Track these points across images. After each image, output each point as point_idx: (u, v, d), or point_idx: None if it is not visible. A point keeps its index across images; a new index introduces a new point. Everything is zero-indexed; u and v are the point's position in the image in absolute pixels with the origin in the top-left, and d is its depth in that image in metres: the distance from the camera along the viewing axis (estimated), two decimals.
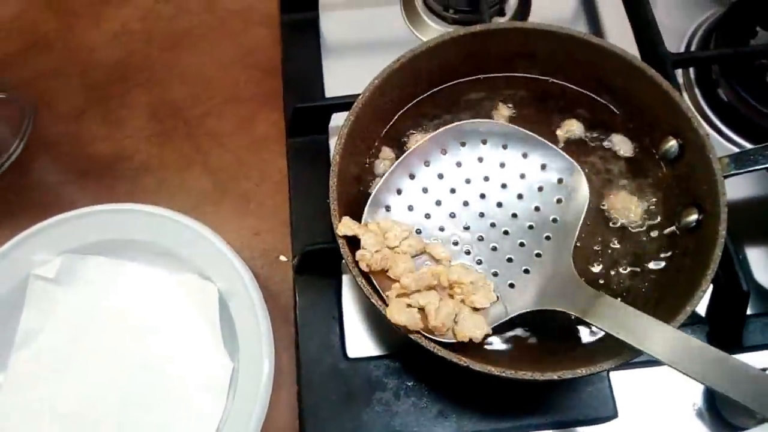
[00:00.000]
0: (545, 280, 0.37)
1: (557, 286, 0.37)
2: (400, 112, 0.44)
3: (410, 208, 0.40)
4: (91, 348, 0.45)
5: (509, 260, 0.38)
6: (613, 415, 0.41)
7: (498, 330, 0.37)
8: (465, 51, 0.43)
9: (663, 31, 0.50)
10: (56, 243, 0.46)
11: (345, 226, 0.37)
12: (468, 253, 0.39)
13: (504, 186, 0.40)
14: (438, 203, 0.40)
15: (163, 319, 0.45)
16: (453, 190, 0.40)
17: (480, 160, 0.40)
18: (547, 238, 0.38)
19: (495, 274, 0.38)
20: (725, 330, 0.43)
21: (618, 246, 0.40)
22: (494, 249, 0.39)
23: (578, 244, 0.39)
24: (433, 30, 0.55)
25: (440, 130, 0.40)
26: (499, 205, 0.40)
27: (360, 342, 0.44)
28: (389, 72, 0.41)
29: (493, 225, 0.39)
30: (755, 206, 0.47)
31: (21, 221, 0.47)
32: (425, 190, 0.40)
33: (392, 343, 0.44)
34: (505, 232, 0.39)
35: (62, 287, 0.46)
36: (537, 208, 0.39)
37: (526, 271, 0.38)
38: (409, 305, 0.36)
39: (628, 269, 0.40)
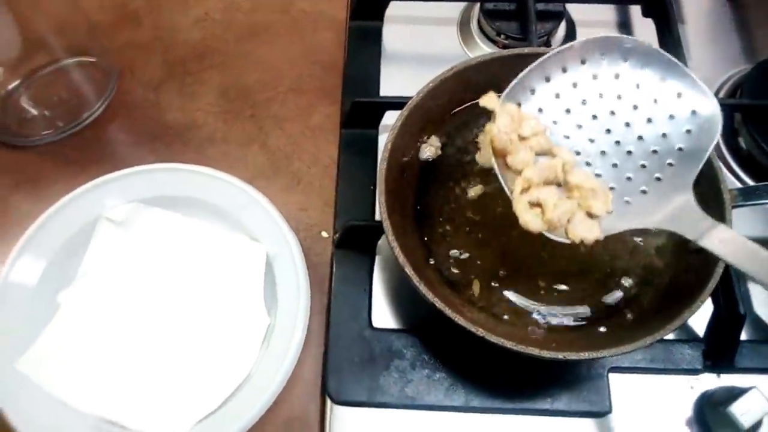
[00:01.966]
0: (663, 203, 0.38)
1: (675, 210, 0.37)
2: (448, 115, 0.49)
3: (540, 110, 0.40)
4: (143, 288, 0.50)
5: (628, 179, 0.39)
6: (608, 410, 0.44)
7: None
8: (510, 69, 0.47)
9: None
10: (126, 192, 0.52)
11: (487, 99, 0.39)
12: (588, 164, 0.39)
13: (635, 107, 0.40)
14: (567, 111, 0.40)
15: (211, 272, 0.50)
16: (584, 102, 0.40)
17: (616, 76, 0.40)
18: (670, 164, 0.39)
19: (612, 189, 0.39)
20: (720, 351, 0.46)
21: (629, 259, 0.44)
22: (615, 166, 0.39)
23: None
24: (484, 52, 0.60)
25: (583, 39, 0.40)
26: (627, 125, 0.40)
27: (384, 315, 0.48)
28: (443, 78, 0.46)
29: (617, 143, 0.40)
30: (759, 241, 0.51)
31: (94, 172, 0.53)
32: (557, 96, 0.40)
33: (413, 320, 0.48)
34: (629, 152, 0.40)
35: (126, 231, 0.51)
36: (664, 135, 0.39)
37: (644, 192, 0.39)
38: (530, 204, 0.37)
39: (637, 279, 0.44)
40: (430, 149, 0.47)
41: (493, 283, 0.44)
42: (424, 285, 0.39)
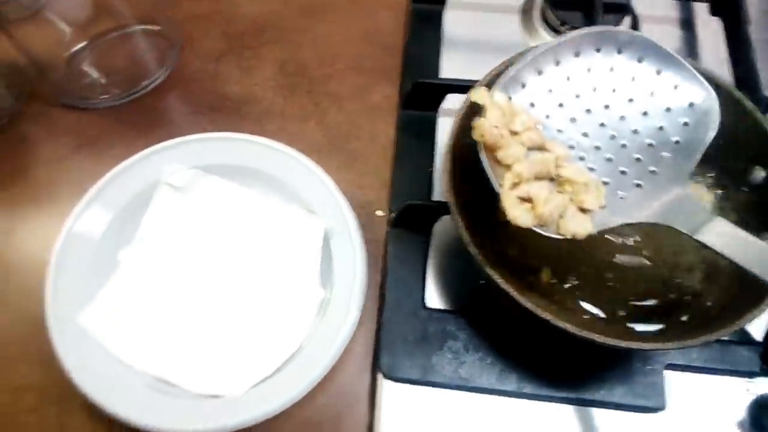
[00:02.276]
0: (657, 197, 0.38)
1: (669, 203, 0.37)
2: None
3: (532, 104, 0.39)
4: (200, 253, 0.50)
5: (622, 173, 0.39)
6: (661, 407, 0.44)
7: None
8: None
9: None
10: (186, 159, 0.52)
11: (477, 93, 0.38)
12: (582, 159, 0.39)
13: (631, 100, 0.40)
14: (561, 105, 0.40)
15: (268, 242, 0.50)
16: (578, 95, 0.40)
17: (611, 69, 0.40)
18: (666, 157, 0.39)
19: (605, 183, 0.39)
20: None
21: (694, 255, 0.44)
22: (609, 160, 0.39)
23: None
24: (545, 41, 0.60)
25: (577, 32, 0.40)
26: (622, 118, 0.39)
27: (438, 296, 0.48)
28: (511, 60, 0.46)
29: (612, 137, 0.39)
30: None
31: (153, 138, 0.53)
32: (550, 90, 0.39)
33: (467, 303, 0.48)
34: (623, 146, 0.39)
35: (185, 197, 0.52)
36: (661, 128, 0.39)
37: (638, 186, 0.38)
38: (520, 199, 0.37)
39: (701, 276, 0.43)
40: None
41: (557, 271, 0.44)
42: (489, 267, 0.39)
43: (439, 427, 0.44)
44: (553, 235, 0.37)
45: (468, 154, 0.46)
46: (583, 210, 0.37)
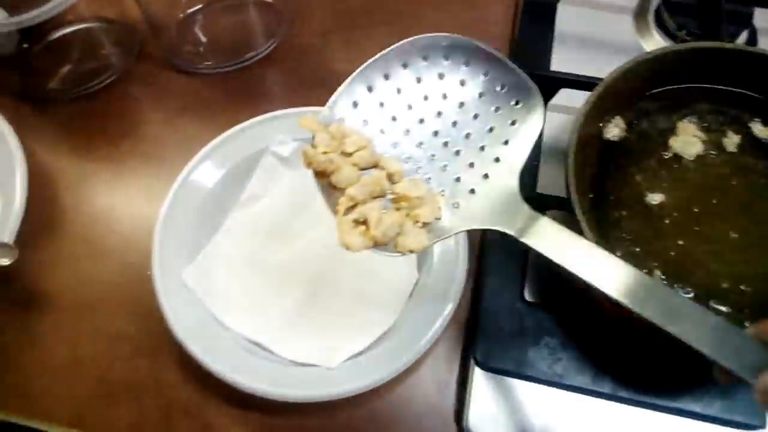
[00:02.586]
0: (489, 201, 0.37)
1: (500, 206, 0.37)
2: (635, 98, 0.47)
3: (365, 122, 0.39)
4: (299, 223, 0.51)
5: (457, 180, 0.38)
6: (760, 425, 0.43)
7: None
8: (703, 63, 0.46)
9: None
10: (292, 130, 0.52)
11: (306, 121, 0.38)
12: (418, 170, 0.38)
13: (461, 104, 0.39)
14: (393, 119, 0.39)
15: None
16: (410, 106, 0.39)
17: (440, 76, 0.39)
18: (497, 159, 0.38)
19: (442, 193, 0.38)
20: None
21: None
22: (444, 168, 0.39)
23: None
24: (659, 44, 0.58)
25: (402, 42, 0.39)
26: (454, 124, 0.39)
27: (537, 290, 0.48)
28: (640, 60, 0.45)
29: (445, 144, 0.39)
30: None
31: (257, 108, 0.54)
32: (382, 104, 0.39)
33: (567, 299, 0.47)
34: (457, 152, 0.39)
35: (288, 168, 0.52)
36: (491, 129, 0.39)
37: (472, 191, 0.38)
38: (356, 222, 0.36)
39: None
40: (615, 129, 0.46)
41: (667, 276, 0.43)
42: None
43: (528, 421, 0.44)
44: (391, 254, 0.37)
45: (593, 150, 0.46)
46: (421, 224, 0.37)
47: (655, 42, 0.59)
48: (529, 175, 0.52)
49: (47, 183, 0.55)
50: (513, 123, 0.38)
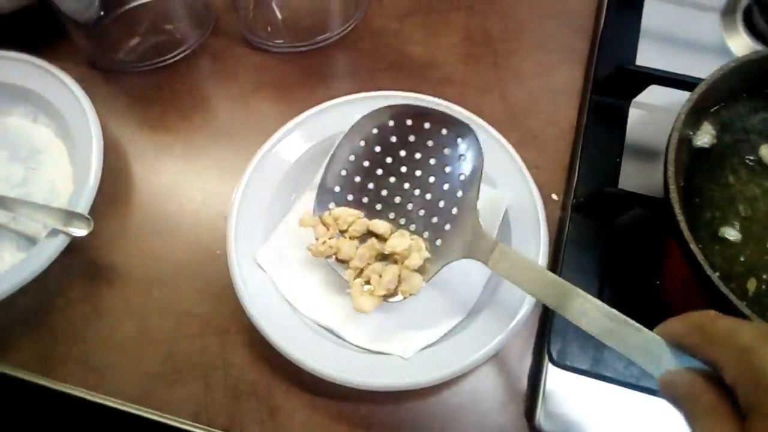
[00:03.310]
0: (462, 234, 0.43)
1: (470, 238, 0.42)
2: (730, 101, 0.46)
3: (350, 198, 0.45)
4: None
5: (434, 222, 0.44)
6: None
7: None
8: None
9: None
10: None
11: (305, 219, 0.45)
12: (403, 221, 0.45)
13: (425, 156, 0.44)
14: (371, 188, 0.45)
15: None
16: (385, 166, 0.45)
17: (404, 135, 0.45)
18: (458, 195, 0.43)
19: (425, 236, 0.44)
20: None
21: None
22: (421, 214, 0.44)
23: None
24: (747, 45, 0.56)
25: (372, 111, 0.45)
26: (420, 173, 0.45)
27: (612, 290, 0.47)
28: (746, 60, 0.43)
29: (417, 193, 0.45)
30: None
31: (333, 89, 0.54)
32: (358, 181, 0.45)
33: (643, 301, 0.46)
34: (429, 198, 0.44)
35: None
36: (445, 168, 0.44)
37: (447, 229, 0.43)
38: (367, 283, 0.44)
39: None
40: (706, 136, 0.44)
41: (757, 286, 0.41)
42: (708, 265, 0.37)
43: (602, 422, 0.43)
44: (397, 300, 0.43)
45: (684, 154, 0.45)
46: (417, 269, 0.43)
47: (742, 42, 0.57)
48: (611, 170, 0.50)
49: (119, 155, 0.54)
50: (460, 157, 0.44)
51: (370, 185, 0.46)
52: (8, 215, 0.50)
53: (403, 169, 0.45)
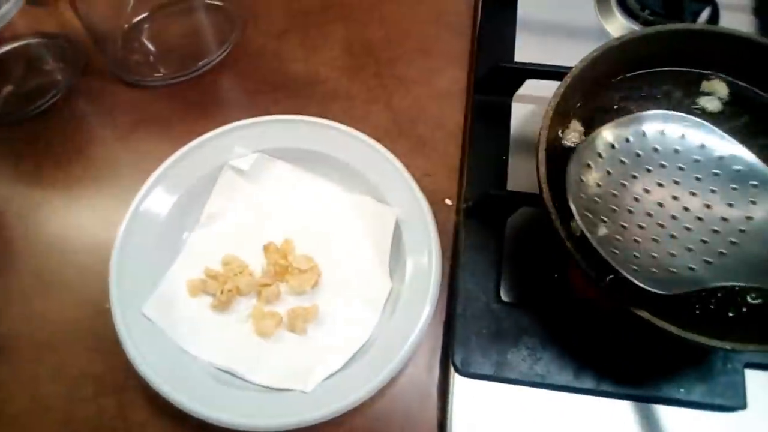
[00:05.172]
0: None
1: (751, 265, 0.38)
2: (602, 89, 0.46)
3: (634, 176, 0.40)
4: (263, 241, 0.48)
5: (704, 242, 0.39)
6: (742, 406, 0.42)
7: None
8: (674, 44, 0.45)
9: None
10: (252, 141, 0.50)
11: (194, 290, 0.47)
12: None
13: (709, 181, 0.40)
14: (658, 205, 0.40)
15: (335, 232, 0.49)
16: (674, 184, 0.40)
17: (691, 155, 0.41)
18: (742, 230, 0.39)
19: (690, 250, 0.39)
20: None
21: None
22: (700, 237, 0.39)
23: None
24: (622, 26, 0.57)
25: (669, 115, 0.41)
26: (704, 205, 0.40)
27: (513, 289, 0.46)
28: (608, 47, 0.43)
29: (700, 219, 0.40)
30: None
31: (215, 118, 0.52)
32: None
33: (543, 295, 0.46)
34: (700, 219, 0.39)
35: (249, 182, 0.50)
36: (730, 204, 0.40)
37: (722, 253, 0.39)
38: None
39: None
40: (573, 135, 0.44)
41: None
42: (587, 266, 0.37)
43: (513, 424, 0.43)
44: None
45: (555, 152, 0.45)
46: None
47: (618, 24, 0.57)
48: (499, 170, 0.50)
49: None
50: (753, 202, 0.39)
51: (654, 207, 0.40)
52: None
53: (689, 194, 0.40)
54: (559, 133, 0.44)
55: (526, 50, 0.55)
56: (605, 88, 0.46)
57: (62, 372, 0.45)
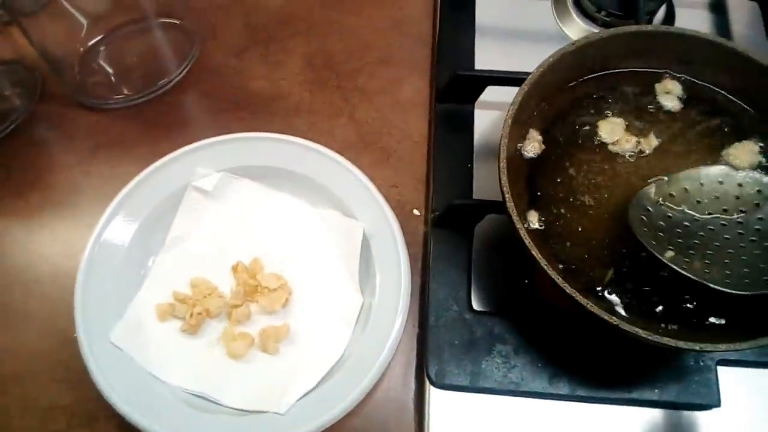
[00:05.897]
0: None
1: None
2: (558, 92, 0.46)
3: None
4: (231, 261, 0.48)
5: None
6: (716, 404, 0.43)
7: None
8: (630, 46, 0.46)
9: None
10: (215, 161, 0.50)
11: (163, 314, 0.46)
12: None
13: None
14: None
15: (303, 249, 0.48)
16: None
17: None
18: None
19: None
20: None
21: None
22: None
23: None
24: (580, 28, 0.57)
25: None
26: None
27: (484, 297, 0.47)
28: (564, 53, 0.44)
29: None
30: None
31: (177, 138, 0.51)
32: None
33: (513, 304, 0.46)
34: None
35: (214, 201, 0.49)
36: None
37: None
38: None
39: None
40: (533, 144, 0.44)
41: (612, 275, 0.42)
42: (554, 272, 0.37)
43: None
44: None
45: (517, 162, 0.45)
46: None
47: (576, 26, 0.58)
48: (464, 178, 0.50)
49: None
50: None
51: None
52: None
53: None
54: (518, 145, 0.45)
55: (486, 56, 0.56)
56: (563, 92, 0.47)
57: (32, 405, 0.45)
